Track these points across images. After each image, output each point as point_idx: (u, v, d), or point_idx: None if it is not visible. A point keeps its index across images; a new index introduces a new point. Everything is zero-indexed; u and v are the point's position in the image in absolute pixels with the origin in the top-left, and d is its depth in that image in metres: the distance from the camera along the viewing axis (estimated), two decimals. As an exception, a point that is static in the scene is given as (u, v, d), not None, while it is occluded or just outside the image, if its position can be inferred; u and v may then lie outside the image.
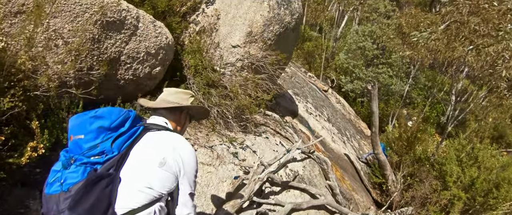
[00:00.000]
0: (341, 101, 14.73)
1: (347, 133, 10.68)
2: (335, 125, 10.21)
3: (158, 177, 1.75)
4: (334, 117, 10.99)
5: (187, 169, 1.84)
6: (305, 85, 11.60)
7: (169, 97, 2.10)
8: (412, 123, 13.28)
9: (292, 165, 5.34)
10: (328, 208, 5.66)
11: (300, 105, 9.09)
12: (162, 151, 1.78)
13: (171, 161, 1.78)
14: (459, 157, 7.18)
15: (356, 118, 14.26)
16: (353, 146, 10.21)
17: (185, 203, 1.85)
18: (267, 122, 5.99)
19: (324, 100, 12.02)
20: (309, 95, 10.65)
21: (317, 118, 9.25)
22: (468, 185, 6.82)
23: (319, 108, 10.22)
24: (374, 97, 7.19)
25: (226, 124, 4.88)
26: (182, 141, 1.90)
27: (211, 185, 4.00)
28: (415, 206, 6.95)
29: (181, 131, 2.14)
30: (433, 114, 17.59)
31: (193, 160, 1.88)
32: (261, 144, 5.16)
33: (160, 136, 1.87)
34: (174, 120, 2.06)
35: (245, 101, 4.76)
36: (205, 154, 4.21)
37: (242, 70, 5.39)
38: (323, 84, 15.03)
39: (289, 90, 9.52)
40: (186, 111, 2.15)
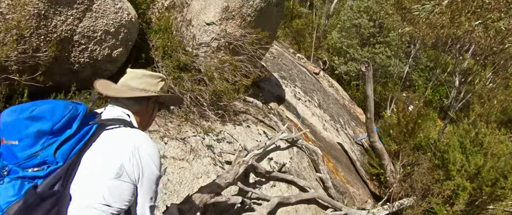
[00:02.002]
0: (334, 84, 14.79)
1: (340, 120, 10.74)
2: (327, 111, 10.25)
3: (115, 190, 1.57)
4: (326, 102, 11.02)
5: (146, 176, 1.67)
6: (294, 67, 11.57)
7: (134, 82, 1.89)
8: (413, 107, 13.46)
9: (277, 157, 5.32)
10: (319, 203, 5.71)
11: (287, 89, 9.06)
12: (119, 157, 1.61)
13: (130, 167, 1.62)
14: (463, 143, 7.29)
15: (351, 103, 14.36)
16: (348, 134, 10.29)
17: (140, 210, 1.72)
18: (249, 109, 5.94)
19: (315, 84, 12.03)
20: (297, 78, 10.63)
21: (306, 104, 9.25)
22: (473, 174, 6.94)
23: (309, 92, 10.22)
24: (369, 79, 7.20)
25: (200, 112, 4.80)
26: (144, 140, 1.72)
27: (185, 182, 3.94)
28: (416, 198, 7.07)
29: (148, 124, 1.98)
30: (436, 97, 17.87)
31: (154, 164, 1.71)
32: (242, 134, 5.12)
33: (118, 136, 1.68)
34: (139, 111, 1.89)
35: (222, 86, 4.68)
36: (177, 148, 4.13)
37: (218, 51, 5.29)
38: (314, 66, 15.04)
39: (274, 73, 9.47)
40: (155, 98, 1.97)
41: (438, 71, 17.51)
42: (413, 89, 18.33)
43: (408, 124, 8.46)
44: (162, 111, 4.51)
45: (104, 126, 1.68)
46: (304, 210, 5.43)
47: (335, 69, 17.14)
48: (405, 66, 16.34)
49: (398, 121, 8.85)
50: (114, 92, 1.87)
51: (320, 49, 19.28)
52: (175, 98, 2.17)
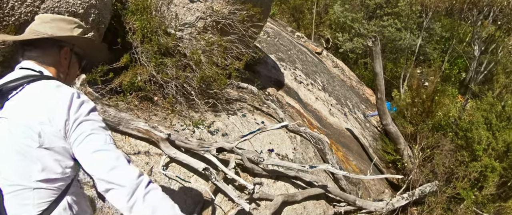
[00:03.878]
0: (339, 64, 14.71)
1: (348, 103, 10.69)
2: (332, 94, 10.19)
3: (47, 159, 1.50)
4: (331, 84, 10.95)
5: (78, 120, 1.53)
6: (293, 47, 11.47)
7: (41, 27, 1.75)
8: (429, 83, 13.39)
9: (278, 148, 5.27)
10: (330, 197, 5.68)
11: (287, 72, 8.98)
12: (34, 119, 1.50)
13: (51, 127, 1.50)
14: (488, 119, 7.24)
15: (359, 84, 14.30)
16: (357, 119, 10.24)
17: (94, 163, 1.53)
18: (243, 96, 5.86)
19: (318, 65, 11.95)
20: (297, 59, 10.54)
21: (309, 87, 9.19)
22: (502, 153, 6.90)
23: (311, 75, 10.15)
24: (377, 55, 7.12)
25: (188, 102, 4.72)
26: (60, 89, 1.59)
27: (174, 183, 3.89)
28: (439, 183, 7.04)
29: (68, 78, 1.83)
30: (454, 71, 17.80)
31: (83, 107, 1.57)
32: (237, 124, 5.05)
33: (27, 95, 1.56)
34: (52, 63, 1.75)
35: (211, 71, 4.59)
36: (164, 144, 4.07)
37: (204, 31, 5.19)
38: (315, 45, 14.93)
39: (271, 55, 9.38)
40: (70, 47, 1.82)
41: (454, 41, 17.40)
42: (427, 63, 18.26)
43: (424, 102, 8.41)
44: (144, 104, 4.42)
45: (6, 93, 1.55)
46: (313, 207, 5.39)
47: (340, 47, 17.03)
48: (418, 39, 16.24)
49: (412, 100, 8.80)
50: (16, 37, 1.76)
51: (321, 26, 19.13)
52: (95, 45, 2.00)
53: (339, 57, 16.17)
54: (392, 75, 16.26)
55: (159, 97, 4.60)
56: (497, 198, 7.27)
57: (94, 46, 1.99)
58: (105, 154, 1.54)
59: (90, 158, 1.53)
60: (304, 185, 5.31)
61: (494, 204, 7.09)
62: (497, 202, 7.18)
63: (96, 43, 2.04)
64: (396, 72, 16.26)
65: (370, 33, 15.59)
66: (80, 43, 1.86)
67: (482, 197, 6.90)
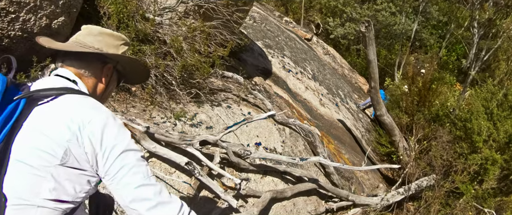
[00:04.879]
0: (330, 51, 14.79)
1: (340, 93, 10.79)
2: (323, 83, 10.26)
3: (64, 179, 1.47)
4: (322, 73, 11.02)
5: (111, 157, 1.51)
6: (281, 33, 11.49)
7: (88, 39, 1.76)
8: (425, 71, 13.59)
9: (266, 141, 5.31)
10: (321, 193, 5.76)
11: (274, 60, 9.01)
12: (62, 134, 1.46)
13: (78, 149, 1.47)
14: (488, 108, 7.35)
15: (352, 72, 14.43)
16: (350, 109, 10.35)
17: (137, 198, 1.53)
18: (229, 86, 5.87)
19: (307, 52, 11.99)
20: (286, 46, 10.57)
21: (298, 76, 9.24)
22: (504, 144, 7.01)
23: (300, 63, 10.20)
24: (370, 41, 7.18)
25: (169, 93, 4.71)
26: (96, 109, 1.57)
27: (156, 179, 3.90)
28: (436, 177, 7.17)
29: (103, 95, 1.83)
30: (453, 57, 18.04)
31: (118, 139, 1.53)
32: (222, 116, 5.06)
33: (58, 108, 1.53)
34: (91, 77, 1.75)
35: (193, 59, 4.59)
36: (143, 138, 4.08)
37: (186, 16, 5.17)
38: (305, 31, 14.98)
39: (258, 41, 9.38)
40: (114, 64, 1.84)
41: (453, 26, 17.63)
42: (424, 50, 18.47)
43: (420, 91, 8.54)
44: (121, 95, 4.42)
45: (36, 99, 1.52)
46: (304, 203, 5.47)
47: (331, 32, 17.12)
48: (413, 24, 16.42)
49: (408, 89, 8.92)
50: (62, 46, 1.73)
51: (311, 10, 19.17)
52: (140, 67, 1.99)
53: (330, 44, 16.26)
54: (386, 62, 16.43)
55: (137, 88, 4.59)
56: (498, 192, 7.41)
57: (138, 67, 1.99)
58: (148, 189, 1.52)
59: (132, 194, 1.52)
60: (294, 180, 5.37)
61: (495, 198, 7.23)
62: (498, 196, 7.33)
63: (140, 63, 2.04)
64: (390, 59, 16.42)
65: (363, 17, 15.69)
66: (124, 62, 1.87)
67: (482, 191, 7.03)
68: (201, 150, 4.37)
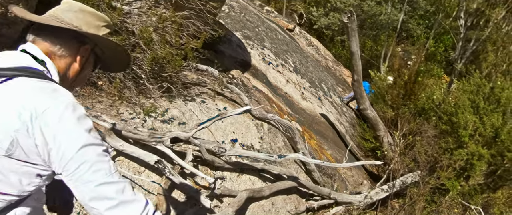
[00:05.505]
0: (313, 42, 14.80)
1: (323, 86, 10.81)
2: (305, 76, 10.26)
3: (8, 171, 1.41)
4: (304, 65, 11.02)
5: (77, 143, 1.43)
6: (261, 24, 11.44)
7: (67, 15, 1.64)
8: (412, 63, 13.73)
9: (243, 138, 5.28)
10: (301, 191, 5.76)
11: (254, 52, 8.97)
12: (10, 123, 1.38)
13: (28, 141, 1.39)
14: (475, 102, 7.43)
15: (336, 64, 14.48)
16: (333, 103, 10.39)
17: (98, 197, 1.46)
18: (204, 80, 5.83)
19: (289, 43, 11.98)
20: (266, 37, 10.54)
21: (279, 69, 9.22)
22: (490, 138, 7.10)
23: (281, 55, 10.18)
24: (353, 32, 7.20)
25: (139, 87, 4.65)
26: (55, 97, 1.46)
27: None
28: (421, 173, 7.24)
29: (77, 79, 1.73)
30: (440, 48, 18.25)
31: (80, 125, 1.45)
32: (195, 112, 5.02)
33: (10, 91, 1.44)
34: (65, 56, 1.65)
35: (164, 51, 4.53)
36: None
37: (156, 5, 5.09)
38: (287, 22, 14.96)
39: (236, 32, 9.33)
40: (92, 46, 1.73)
41: (440, 16, 17.82)
42: (411, 40, 18.65)
43: (406, 84, 8.61)
44: (87, 89, 4.33)
45: None
46: (283, 203, 5.46)
47: (314, 23, 17.15)
48: (400, 13, 16.54)
49: (394, 82, 8.99)
50: (37, 18, 1.60)
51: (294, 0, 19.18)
52: (120, 53, 1.89)
53: (313, 35, 16.29)
54: (372, 53, 16.56)
55: (104, 82, 4.51)
56: (485, 189, 7.52)
57: (118, 53, 1.88)
58: (110, 188, 1.47)
59: (92, 193, 1.45)
60: (272, 178, 5.36)
61: (482, 195, 7.33)
62: (485, 192, 7.43)
63: (120, 49, 1.91)
64: (376, 50, 16.55)
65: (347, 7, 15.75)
66: (104, 45, 1.76)
67: (469, 188, 7.13)
68: (173, 147, 4.32)
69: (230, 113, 4.84)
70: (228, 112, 4.90)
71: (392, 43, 15.69)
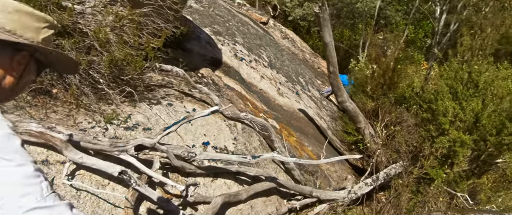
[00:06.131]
0: (288, 35, 14.77)
1: (301, 80, 10.77)
2: (281, 70, 10.21)
3: None
4: (280, 59, 10.97)
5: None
6: (232, 18, 11.34)
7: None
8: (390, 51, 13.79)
9: (215, 140, 5.19)
10: (282, 191, 5.69)
11: (225, 48, 8.88)
12: None
13: None
14: (453, 87, 7.49)
15: (314, 56, 14.47)
16: (312, 97, 10.35)
17: None
18: (170, 81, 5.71)
19: (263, 37, 11.91)
20: (238, 32, 10.44)
21: (252, 64, 9.15)
22: (471, 124, 7.17)
23: (254, 49, 10.11)
24: (325, 22, 7.16)
25: (97, 93, 4.50)
26: None
27: (84, 196, 3.70)
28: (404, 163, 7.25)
29: (15, 89, 1.56)
30: (420, 34, 18.39)
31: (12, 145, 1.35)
32: (162, 115, 4.90)
33: None
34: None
35: (122, 52, 4.38)
36: (68, 147, 3.86)
37: (112, 3, 4.95)
38: (260, 14, 14.89)
39: (205, 28, 9.21)
40: (32, 51, 1.56)
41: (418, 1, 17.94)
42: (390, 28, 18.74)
43: (385, 73, 8.61)
44: (39, 98, 4.16)
45: None
46: (263, 205, 5.39)
47: (289, 14, 17.11)
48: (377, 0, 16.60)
49: (372, 72, 8.99)
50: None
51: (266, -9, 19.10)
52: (65, 58, 1.73)
53: (288, 27, 16.26)
54: (351, 43, 16.60)
55: (59, 90, 4.34)
56: (470, 175, 7.58)
57: (62, 57, 1.69)
58: (42, 213, 1.33)
59: None
60: (249, 180, 5.28)
61: (468, 181, 7.38)
62: (470, 179, 7.49)
63: (65, 56, 1.72)
64: (355, 39, 16.59)
65: (321, -4, 15.73)
66: (46, 50, 1.58)
67: (454, 175, 7.17)
68: (138, 156, 4.19)
69: (197, 114, 4.72)
70: (195, 114, 4.78)
71: (370, 31, 15.73)
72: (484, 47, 9.52)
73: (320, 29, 7.40)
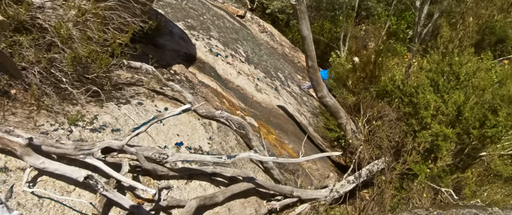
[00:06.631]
0: (267, 28, 14.72)
1: (280, 75, 10.73)
2: (259, 66, 10.16)
3: None
4: (257, 54, 10.91)
5: None
6: (206, 11, 11.24)
7: None
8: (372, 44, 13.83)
9: (189, 140, 5.12)
10: (261, 192, 5.64)
11: (199, 43, 8.80)
12: None
13: None
14: (434, 80, 7.51)
15: (293, 51, 14.45)
16: (292, 93, 10.33)
17: None
18: (140, 79, 5.60)
19: (239, 31, 11.84)
20: (213, 26, 10.35)
21: (228, 60, 9.10)
22: (454, 117, 7.20)
23: (231, 44, 10.05)
24: (302, 15, 7.10)
25: (61, 93, 4.39)
26: None
27: (46, 204, 3.60)
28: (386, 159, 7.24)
29: None
30: (402, 26, 18.47)
31: None
32: (131, 115, 4.81)
33: None
34: None
35: (86, 49, 4.27)
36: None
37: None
38: (236, 7, 14.79)
39: (178, 22, 9.11)
40: None
41: (399, -9, 18.03)
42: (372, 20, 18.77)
43: (366, 66, 8.59)
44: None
45: None
46: (241, 207, 5.34)
47: (267, 7, 17.02)
48: (357, -9, 16.62)
49: (353, 65, 8.97)
50: None
51: (243, -18, 19.01)
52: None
53: (267, 20, 16.19)
54: (332, 36, 16.55)
55: (18, 90, 4.21)
56: (454, 169, 7.61)
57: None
58: None
59: None
60: (226, 181, 5.23)
61: (452, 176, 7.41)
62: (455, 173, 7.52)
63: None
64: (336, 32, 16.54)
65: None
66: None
67: (438, 170, 7.18)
68: (105, 159, 4.10)
69: (168, 114, 4.63)
70: (165, 113, 4.69)
71: (351, 23, 15.74)
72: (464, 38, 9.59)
73: (297, 22, 7.34)
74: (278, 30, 15.59)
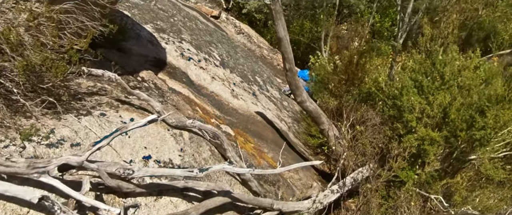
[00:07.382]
0: (243, 30, 14.72)
1: (258, 79, 10.69)
2: (235, 70, 10.13)
3: None
4: (233, 57, 10.88)
5: None
6: (177, 12, 11.18)
7: None
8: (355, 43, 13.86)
9: (157, 153, 5.03)
10: (238, 206, 5.56)
11: (170, 47, 8.74)
12: None
13: None
14: (417, 81, 7.50)
15: (272, 52, 14.45)
16: (271, 97, 10.29)
17: None
18: (104, 87, 5.48)
19: (213, 33, 11.80)
20: (184, 28, 10.30)
21: (201, 64, 9.05)
22: (440, 119, 7.21)
23: (204, 47, 10.01)
24: (278, 15, 7.05)
25: (12, 106, 4.27)
26: None
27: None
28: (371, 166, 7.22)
29: None
30: (387, 23, 18.61)
31: None
32: (93, 128, 4.70)
33: None
34: None
35: (39, 56, 4.14)
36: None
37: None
38: (210, 7, 14.75)
39: (146, 25, 9.03)
40: None
41: (381, -13, 18.16)
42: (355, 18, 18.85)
43: (348, 67, 8.58)
44: None
45: None
46: (218, 223, 5.25)
47: (243, 6, 16.99)
48: (338, -12, 16.68)
49: (334, 67, 8.95)
50: None
51: (217, -19, 18.97)
52: None
53: (243, 20, 16.17)
54: (313, 36, 16.56)
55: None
56: (443, 175, 7.61)
57: None
58: None
59: None
60: (200, 196, 5.13)
61: (441, 181, 7.40)
62: (444, 179, 7.51)
63: None
64: (317, 32, 16.56)
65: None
66: None
67: (426, 176, 7.17)
68: (63, 177, 3.96)
69: (132, 125, 4.50)
70: (130, 124, 4.56)
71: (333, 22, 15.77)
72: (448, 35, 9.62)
73: (273, 22, 7.30)
74: (256, 31, 15.61)
